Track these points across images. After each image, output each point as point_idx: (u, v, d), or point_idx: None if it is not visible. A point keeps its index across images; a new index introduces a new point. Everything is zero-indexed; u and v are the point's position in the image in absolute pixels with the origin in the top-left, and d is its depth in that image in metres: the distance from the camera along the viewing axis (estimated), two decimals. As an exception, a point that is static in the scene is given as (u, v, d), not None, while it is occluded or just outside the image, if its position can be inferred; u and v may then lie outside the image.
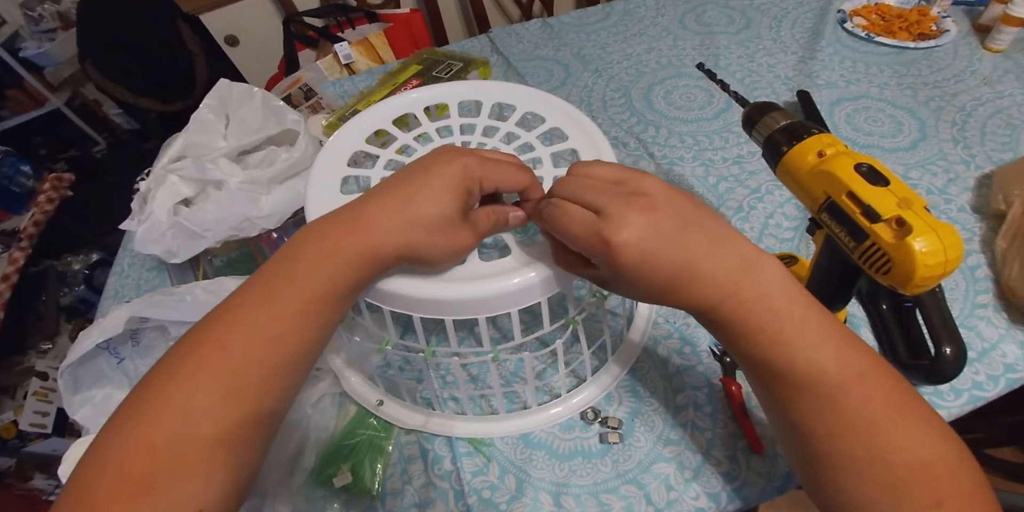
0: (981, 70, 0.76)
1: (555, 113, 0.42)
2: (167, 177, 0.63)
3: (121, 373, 0.53)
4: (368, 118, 0.44)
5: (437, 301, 0.34)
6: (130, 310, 0.50)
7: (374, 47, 1.00)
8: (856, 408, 0.27)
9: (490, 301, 0.34)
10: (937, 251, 0.32)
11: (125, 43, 1.55)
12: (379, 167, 0.41)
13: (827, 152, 0.36)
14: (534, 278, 0.34)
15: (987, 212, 0.60)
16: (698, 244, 0.28)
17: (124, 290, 0.71)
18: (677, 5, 0.96)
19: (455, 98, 0.45)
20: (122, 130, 2.39)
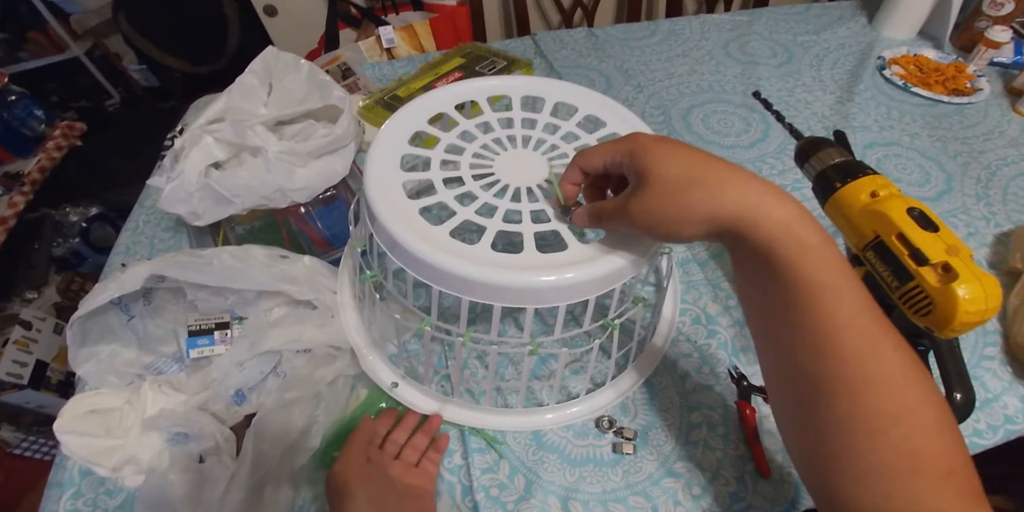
0: (1009, 131, 0.78)
1: (615, 119, 0.43)
2: (203, 137, 0.62)
3: (130, 331, 0.52)
4: (430, 101, 0.44)
5: (491, 285, 0.33)
6: (151, 267, 0.49)
7: (417, 35, 1.01)
8: (889, 353, 0.26)
9: (543, 292, 0.34)
10: (979, 299, 0.33)
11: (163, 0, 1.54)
12: (440, 149, 0.40)
13: (880, 193, 0.37)
14: (589, 275, 0.34)
15: (1003, 268, 0.61)
16: (718, 161, 0.29)
17: (136, 247, 0.70)
18: (722, 32, 0.97)
19: (518, 92, 0.44)
20: (139, 86, 2.36)
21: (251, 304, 0.54)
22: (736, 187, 0.27)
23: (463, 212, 0.36)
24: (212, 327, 0.53)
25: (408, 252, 0.33)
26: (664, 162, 0.28)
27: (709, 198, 0.27)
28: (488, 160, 0.40)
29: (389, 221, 0.34)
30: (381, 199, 0.36)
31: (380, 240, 0.36)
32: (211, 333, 0.53)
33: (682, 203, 0.28)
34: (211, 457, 0.45)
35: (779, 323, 0.28)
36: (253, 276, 0.48)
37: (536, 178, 0.39)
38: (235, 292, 0.53)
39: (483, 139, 0.40)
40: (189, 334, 0.52)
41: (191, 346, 0.52)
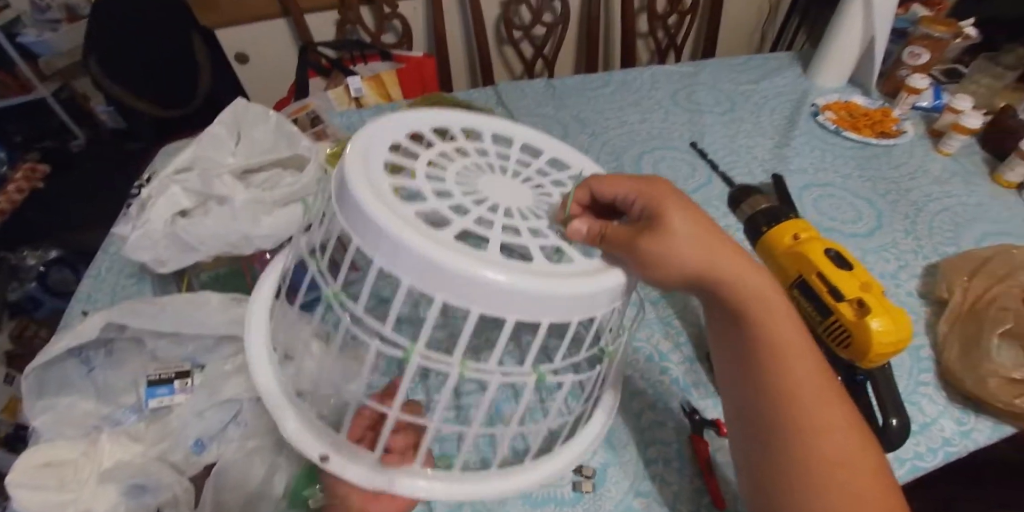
0: (933, 170, 0.85)
1: (578, 162, 0.44)
2: (170, 186, 0.64)
3: (89, 382, 0.52)
4: (407, 119, 0.40)
5: (511, 292, 0.28)
6: (108, 316, 0.50)
7: (385, 85, 1.05)
8: (837, 404, 0.30)
9: (562, 302, 0.31)
10: (890, 331, 0.37)
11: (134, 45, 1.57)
12: (423, 161, 0.37)
13: (801, 235, 0.41)
14: (606, 283, 0.32)
15: (932, 298, 0.66)
16: (716, 225, 0.32)
17: (98, 294, 0.69)
18: (671, 82, 1.05)
19: (489, 128, 0.44)
20: (105, 128, 2.35)
21: (211, 351, 0.54)
22: (726, 254, 0.31)
23: (460, 221, 0.32)
24: (172, 376, 0.53)
25: (410, 253, 0.28)
26: (680, 213, 0.31)
27: (704, 258, 0.30)
28: (472, 180, 0.38)
29: (384, 219, 0.29)
30: (371, 198, 0.30)
31: (365, 243, 0.30)
32: (171, 382, 0.53)
33: (683, 255, 0.31)
34: (169, 509, 0.44)
35: (745, 374, 0.32)
36: (206, 321, 0.49)
37: (523, 201, 0.38)
38: (194, 339, 0.53)
39: (463, 161, 0.39)
40: (148, 384, 0.52)
41: (150, 396, 0.52)
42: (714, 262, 0.31)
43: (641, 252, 0.31)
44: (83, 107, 2.28)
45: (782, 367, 0.30)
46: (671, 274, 0.31)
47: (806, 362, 0.30)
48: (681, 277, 0.31)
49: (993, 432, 0.54)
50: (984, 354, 0.55)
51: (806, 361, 0.30)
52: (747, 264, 0.31)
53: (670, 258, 0.31)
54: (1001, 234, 0.74)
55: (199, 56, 1.63)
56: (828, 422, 0.29)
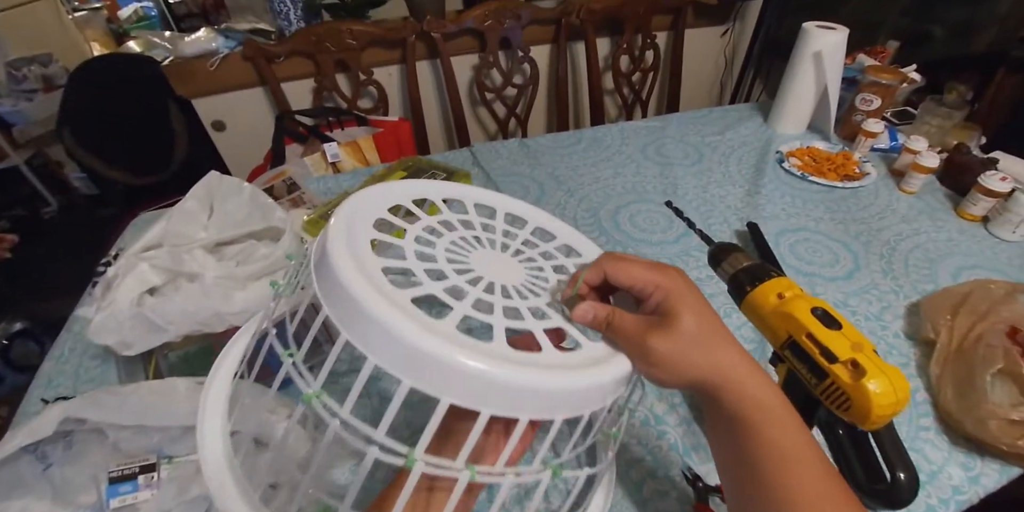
0: (899, 209, 0.88)
1: (562, 231, 0.44)
2: (138, 264, 0.62)
3: (46, 481, 0.48)
4: (387, 192, 0.39)
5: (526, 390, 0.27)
6: (65, 410, 0.47)
7: (362, 150, 1.07)
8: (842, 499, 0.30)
9: (578, 395, 0.29)
10: (889, 392, 0.35)
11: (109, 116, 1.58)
12: (410, 239, 0.35)
13: (786, 294, 0.40)
14: (618, 373, 0.31)
15: (919, 338, 0.66)
16: (723, 327, 0.32)
17: (60, 378, 0.65)
18: (639, 137, 1.08)
19: (470, 198, 0.43)
20: (79, 194, 2.34)
21: (179, 441, 0.50)
22: (730, 358, 0.31)
23: (460, 307, 0.30)
24: (136, 471, 0.49)
25: (415, 353, 0.25)
26: (693, 314, 0.31)
27: (709, 363, 0.31)
28: (463, 256, 0.36)
29: (384, 315, 0.26)
30: (367, 290, 0.27)
31: (358, 338, 0.27)
32: (135, 478, 0.49)
33: (689, 359, 0.31)
34: None
35: (745, 477, 0.31)
36: (173, 411, 0.46)
37: (517, 277, 0.36)
38: (160, 430, 0.50)
39: (450, 236, 0.37)
40: (110, 481, 0.48)
41: (111, 495, 0.48)
42: (718, 367, 0.31)
43: (649, 350, 0.31)
44: (56, 174, 2.27)
45: (783, 473, 0.30)
46: (673, 376, 0.31)
47: (809, 468, 0.30)
48: (684, 380, 0.31)
49: (1001, 475, 0.52)
50: (981, 395, 0.55)
51: (809, 467, 0.30)
52: (749, 368, 0.31)
53: (676, 361, 0.31)
54: (975, 267, 0.76)
55: (175, 124, 1.65)
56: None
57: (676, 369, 0.31)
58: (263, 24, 1.37)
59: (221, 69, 1.30)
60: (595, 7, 1.46)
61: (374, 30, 1.32)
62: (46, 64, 2.07)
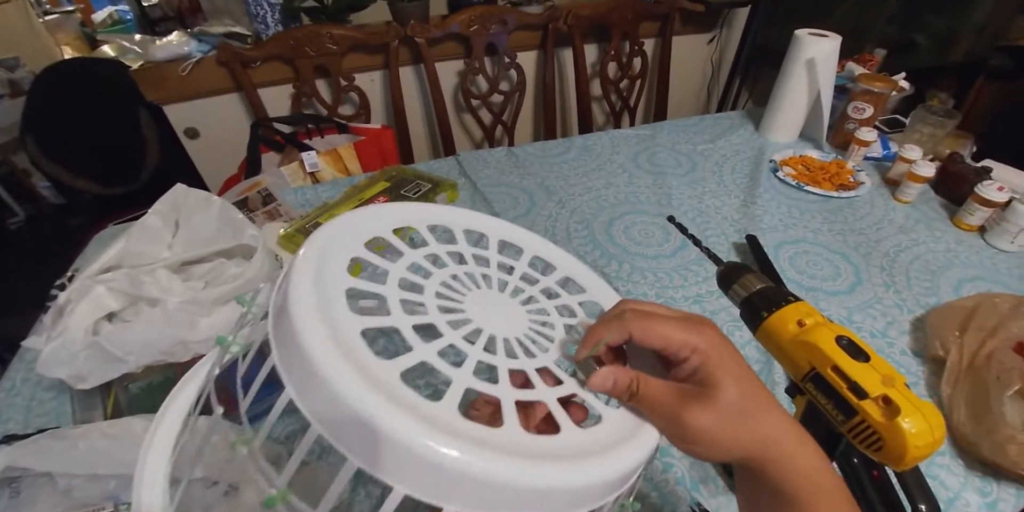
0: (896, 219, 0.86)
1: (561, 261, 0.39)
2: (93, 288, 0.56)
3: (-13, 536, 0.42)
4: (364, 221, 0.33)
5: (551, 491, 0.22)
6: (7, 458, 0.42)
7: (342, 159, 1.02)
8: None
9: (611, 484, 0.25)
10: (925, 432, 0.32)
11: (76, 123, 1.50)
12: (392, 283, 0.29)
13: (807, 322, 0.37)
14: (648, 448, 0.27)
15: (926, 355, 0.64)
16: (763, 389, 0.29)
17: (10, 412, 0.60)
18: (630, 145, 1.05)
19: (458, 224, 0.37)
20: (47, 203, 2.25)
21: (137, 489, 0.45)
22: (775, 429, 0.28)
23: (461, 376, 0.25)
24: (87, 523, 0.43)
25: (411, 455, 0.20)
26: (735, 383, 0.27)
27: (754, 437, 0.27)
28: (456, 301, 0.30)
29: (362, 397, 0.21)
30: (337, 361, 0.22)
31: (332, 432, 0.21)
32: (87, 530, 0.43)
33: (734, 434, 0.27)
34: None
35: None
36: (126, 457, 0.41)
37: (520, 326, 0.31)
38: (116, 476, 0.45)
39: (440, 274, 0.32)
40: (58, 536, 0.43)
41: (59, 552, 0.42)
42: (764, 440, 0.28)
43: (686, 425, 0.27)
44: (24, 183, 2.18)
45: None
46: (715, 452, 0.28)
47: None
48: (726, 456, 0.28)
49: (1018, 500, 0.50)
50: (998, 419, 0.53)
51: None
52: (795, 439, 0.28)
53: (718, 437, 0.27)
54: (975, 279, 0.74)
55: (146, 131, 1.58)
56: None
57: (718, 446, 0.27)
58: (239, 28, 1.32)
59: (194, 74, 1.25)
60: (582, 13, 1.44)
61: (356, 34, 1.28)
62: (12, 69, 2.00)
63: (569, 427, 0.26)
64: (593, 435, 0.26)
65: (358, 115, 1.40)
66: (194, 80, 1.26)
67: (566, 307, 0.35)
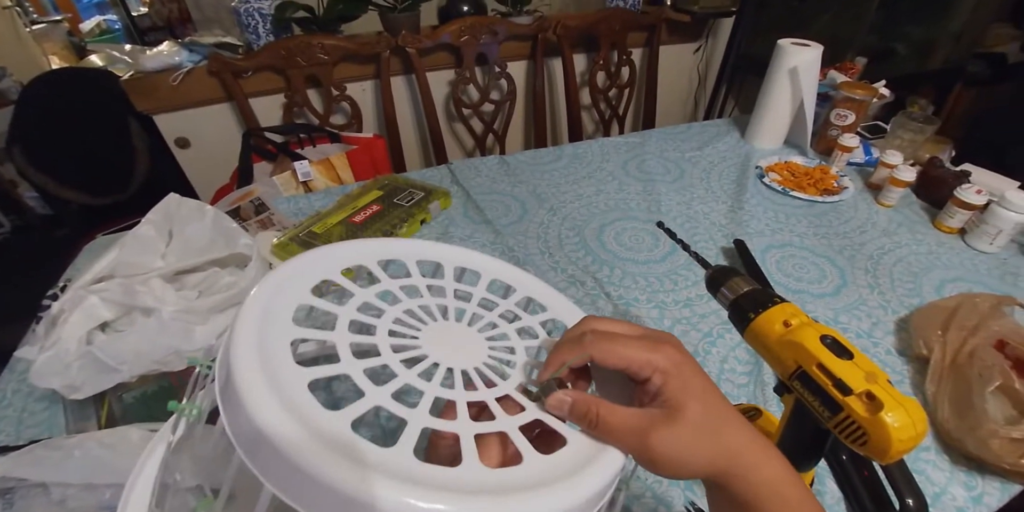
0: (880, 222, 0.88)
1: (520, 281, 0.39)
2: (87, 298, 0.56)
3: (-23, 549, 0.42)
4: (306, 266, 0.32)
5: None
6: (2, 468, 0.42)
7: (335, 167, 1.03)
8: None
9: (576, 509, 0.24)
10: (907, 425, 0.33)
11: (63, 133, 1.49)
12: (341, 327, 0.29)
13: (792, 322, 0.38)
14: (613, 469, 0.26)
15: (910, 355, 0.65)
16: (726, 404, 0.29)
17: (1, 424, 0.59)
18: (620, 153, 1.07)
19: (411, 257, 0.37)
20: (34, 214, 2.22)
21: (133, 498, 0.45)
22: (739, 443, 0.28)
23: (417, 417, 0.25)
24: (81, 535, 0.43)
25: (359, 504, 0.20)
26: (697, 400, 0.27)
27: (719, 452, 0.27)
28: (411, 338, 0.30)
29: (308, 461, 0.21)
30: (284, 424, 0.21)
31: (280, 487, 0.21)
32: (79, 541, 0.43)
33: (700, 453, 0.27)
34: None
35: None
36: (123, 467, 0.41)
37: (478, 355, 0.31)
38: (111, 485, 0.45)
39: (392, 311, 0.31)
40: (51, 547, 0.42)
41: (52, 563, 0.42)
42: (728, 455, 0.28)
43: (654, 452, 0.27)
44: (10, 193, 2.16)
45: None
46: (683, 473, 0.27)
47: None
48: (695, 473, 0.28)
49: (1003, 493, 0.52)
50: (980, 414, 0.54)
51: None
52: (759, 450, 0.29)
53: (687, 458, 0.27)
54: (956, 280, 0.76)
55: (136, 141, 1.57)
56: None
57: (688, 467, 0.27)
58: (230, 38, 1.33)
59: (185, 84, 1.25)
60: (570, 24, 1.46)
61: (347, 45, 1.29)
62: (-1, 77, 1.98)
63: (531, 455, 0.25)
64: (557, 460, 0.25)
65: (349, 124, 1.41)
66: (185, 90, 1.26)
67: (527, 330, 0.35)
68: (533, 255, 0.79)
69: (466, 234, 0.83)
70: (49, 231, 2.18)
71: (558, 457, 0.26)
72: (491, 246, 0.81)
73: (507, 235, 0.83)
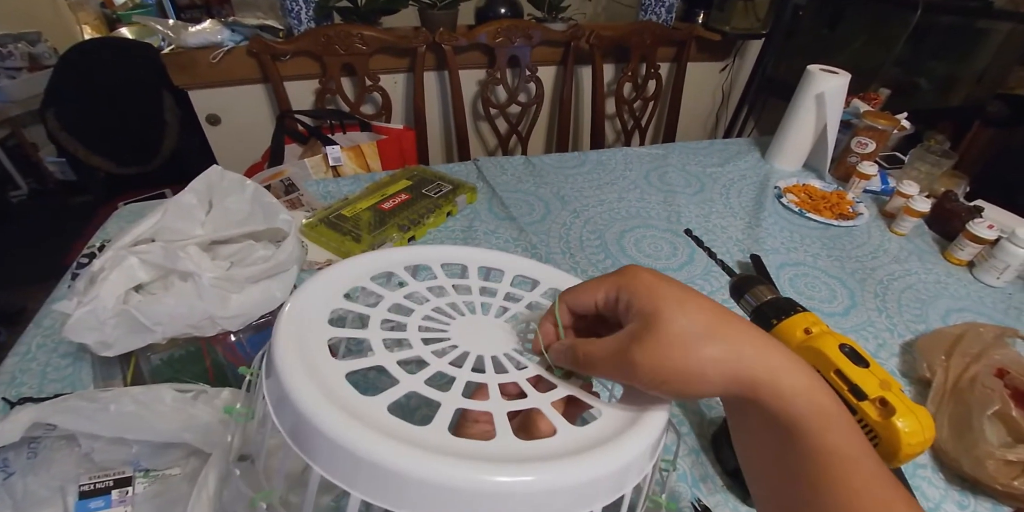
0: (891, 249, 0.90)
1: (544, 274, 0.40)
2: (127, 258, 0.58)
3: (4, 493, 0.43)
4: (338, 275, 0.34)
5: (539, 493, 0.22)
6: (36, 414, 0.43)
7: (364, 156, 1.05)
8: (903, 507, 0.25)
9: (607, 481, 0.24)
10: (917, 431, 0.35)
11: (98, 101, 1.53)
12: (374, 326, 0.30)
13: (813, 330, 0.40)
14: (655, 426, 0.27)
15: (914, 377, 0.67)
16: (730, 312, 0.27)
17: (24, 376, 0.60)
18: (642, 163, 1.09)
19: (437, 261, 0.39)
20: (53, 179, 2.25)
21: (159, 454, 0.47)
22: (755, 346, 0.25)
23: (449, 399, 0.26)
24: (109, 485, 0.45)
25: (396, 477, 0.21)
26: (677, 306, 0.25)
27: (731, 355, 0.25)
28: (440, 331, 0.32)
29: (355, 441, 0.22)
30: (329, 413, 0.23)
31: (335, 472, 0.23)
32: (108, 493, 0.45)
33: (701, 358, 0.25)
34: None
35: (793, 487, 0.26)
36: (155, 425, 0.43)
37: (507, 344, 0.32)
38: (139, 441, 0.46)
39: (422, 310, 0.33)
40: (80, 496, 0.44)
41: (81, 511, 0.44)
42: (741, 358, 0.25)
43: (644, 369, 0.25)
44: (30, 156, 2.18)
45: (838, 479, 0.25)
46: (696, 383, 0.25)
47: (866, 468, 0.25)
48: (708, 384, 0.25)
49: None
50: (978, 436, 0.56)
51: (866, 467, 0.25)
52: (785, 357, 0.25)
53: (686, 363, 0.24)
54: (962, 310, 0.78)
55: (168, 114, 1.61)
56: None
57: (689, 378, 0.25)
58: (271, 20, 1.36)
59: (224, 62, 1.28)
60: (604, 34, 1.49)
61: (385, 37, 1.32)
62: (34, 43, 2.02)
63: (566, 428, 0.26)
64: (590, 431, 0.26)
65: (379, 114, 1.43)
66: (223, 68, 1.29)
67: None
68: (555, 254, 0.81)
69: (490, 228, 0.85)
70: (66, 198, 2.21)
71: (591, 429, 0.26)
72: (514, 242, 0.83)
73: (530, 233, 0.85)
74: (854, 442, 0.26)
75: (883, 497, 0.26)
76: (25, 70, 1.97)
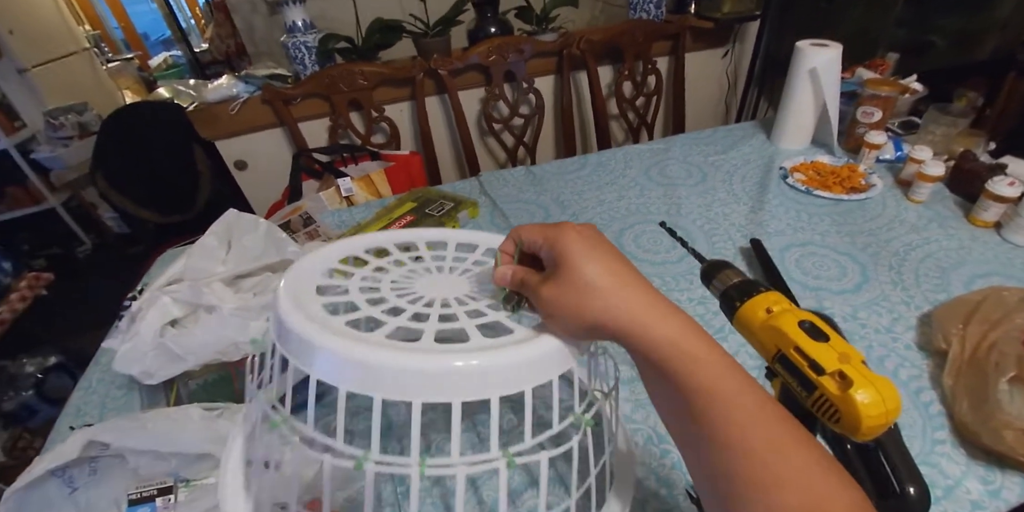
0: (909, 218, 0.87)
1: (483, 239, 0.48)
2: (160, 298, 0.65)
3: (71, 504, 0.50)
4: (337, 247, 0.43)
5: (452, 374, 0.28)
6: (90, 434, 0.49)
7: (374, 183, 1.11)
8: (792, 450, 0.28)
9: (510, 373, 0.30)
10: (877, 402, 0.35)
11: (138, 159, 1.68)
12: (355, 281, 0.39)
13: (774, 309, 0.41)
14: (548, 346, 0.32)
15: (931, 349, 0.64)
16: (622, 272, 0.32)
17: (87, 407, 0.69)
18: (643, 159, 1.10)
19: (422, 238, 0.47)
20: (111, 233, 2.46)
21: (195, 465, 0.53)
22: (639, 303, 0.30)
23: (395, 321, 0.33)
24: (154, 494, 0.51)
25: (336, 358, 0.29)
26: (581, 259, 0.31)
27: (601, 307, 0.30)
28: (408, 284, 0.40)
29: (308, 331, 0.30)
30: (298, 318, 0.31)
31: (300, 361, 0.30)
32: (153, 500, 0.51)
33: (580, 304, 0.30)
34: None
35: (686, 427, 0.30)
36: (185, 438, 0.49)
37: (461, 290, 0.39)
38: (176, 455, 0.52)
39: (398, 271, 0.41)
40: (129, 504, 0.50)
41: (131, 518, 0.50)
42: (615, 312, 0.29)
43: (542, 300, 0.31)
44: (91, 214, 2.40)
45: (720, 417, 0.28)
46: (569, 324, 0.31)
47: (746, 405, 0.28)
48: (580, 327, 0.31)
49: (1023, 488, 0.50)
50: (995, 405, 0.53)
51: (746, 404, 0.28)
52: (654, 310, 0.30)
53: (566, 307, 0.30)
54: (988, 275, 0.74)
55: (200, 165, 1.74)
56: (785, 471, 0.27)
57: (567, 317, 0.31)
58: (280, 69, 1.46)
59: (242, 112, 1.38)
60: (594, 38, 1.51)
61: (384, 70, 1.39)
62: (81, 112, 2.23)
63: (477, 337, 0.32)
64: (498, 340, 0.32)
65: (389, 143, 1.51)
66: (241, 118, 1.39)
67: None
68: (554, 258, 0.83)
69: (492, 240, 0.89)
70: (124, 249, 2.41)
71: (502, 338, 0.33)
72: (515, 250, 0.86)
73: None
74: (728, 382, 0.29)
75: (771, 431, 0.29)
76: (76, 138, 2.18)
